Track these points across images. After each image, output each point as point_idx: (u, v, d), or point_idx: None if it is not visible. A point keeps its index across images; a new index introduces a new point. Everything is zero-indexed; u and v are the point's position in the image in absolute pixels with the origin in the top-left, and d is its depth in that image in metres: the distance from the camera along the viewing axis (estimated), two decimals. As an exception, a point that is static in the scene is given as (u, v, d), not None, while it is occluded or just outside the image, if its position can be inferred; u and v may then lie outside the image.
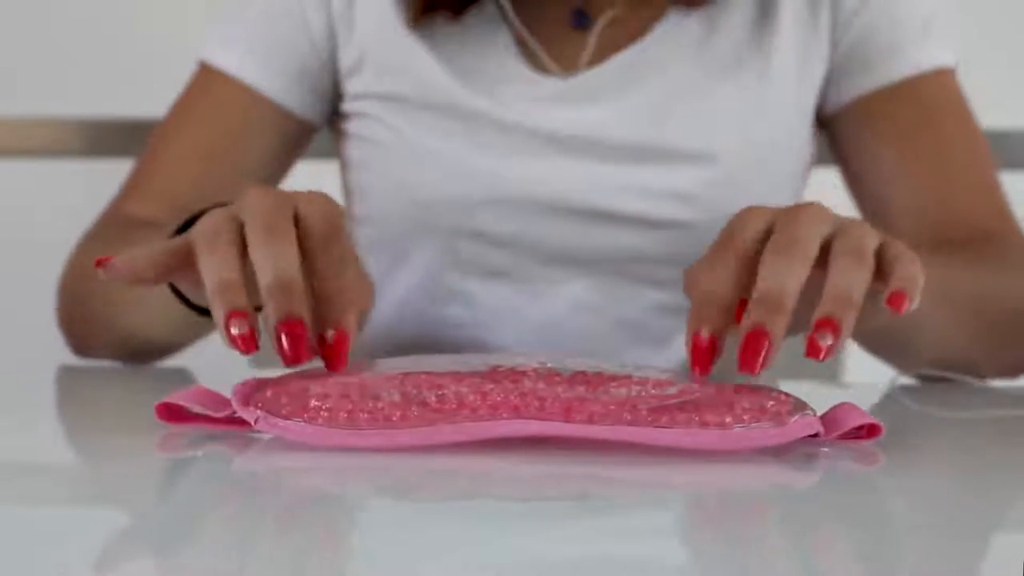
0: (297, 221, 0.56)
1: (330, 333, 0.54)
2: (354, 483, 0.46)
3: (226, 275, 0.53)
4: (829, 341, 0.51)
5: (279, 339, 0.52)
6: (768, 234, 0.56)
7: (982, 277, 0.81)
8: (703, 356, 0.53)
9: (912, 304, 0.54)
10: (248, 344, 0.52)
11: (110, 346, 0.83)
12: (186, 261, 0.56)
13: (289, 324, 0.51)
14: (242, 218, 0.56)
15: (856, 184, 0.92)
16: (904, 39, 0.89)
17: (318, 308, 0.55)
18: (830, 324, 0.52)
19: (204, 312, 0.66)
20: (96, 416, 0.61)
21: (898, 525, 0.41)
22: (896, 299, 0.53)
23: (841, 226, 0.56)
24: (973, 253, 0.84)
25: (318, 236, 0.56)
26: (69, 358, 0.85)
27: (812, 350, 0.52)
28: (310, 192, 0.58)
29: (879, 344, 0.82)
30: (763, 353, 0.51)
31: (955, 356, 0.80)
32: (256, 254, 0.54)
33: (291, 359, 0.52)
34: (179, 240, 0.57)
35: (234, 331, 0.52)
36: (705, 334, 0.53)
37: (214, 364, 0.81)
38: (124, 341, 0.82)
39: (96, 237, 0.87)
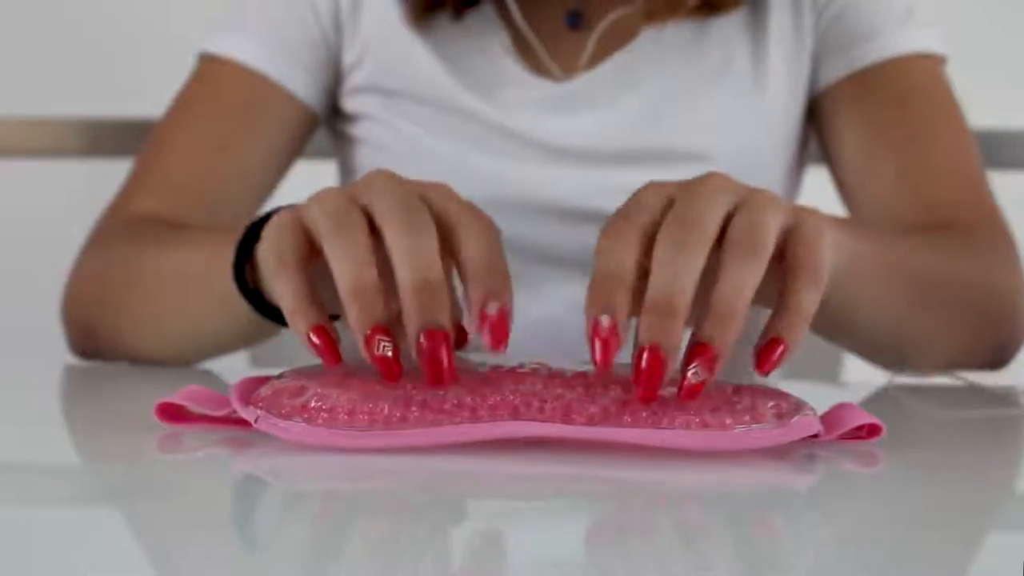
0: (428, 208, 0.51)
1: (492, 306, 0.48)
2: (353, 483, 0.46)
3: (363, 277, 0.48)
4: (701, 377, 0.46)
5: (419, 351, 0.47)
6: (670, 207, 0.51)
7: (930, 257, 0.76)
8: (606, 345, 0.47)
9: (788, 356, 0.48)
10: (392, 369, 0.47)
11: (138, 352, 0.78)
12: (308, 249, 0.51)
13: (431, 335, 0.47)
14: (368, 201, 0.51)
15: (835, 174, 0.90)
16: (882, 23, 0.87)
17: (468, 286, 0.50)
18: (706, 353, 0.46)
19: (273, 317, 0.63)
20: (96, 416, 0.61)
21: (898, 525, 0.41)
22: (764, 360, 0.48)
23: (744, 199, 0.51)
24: (931, 236, 0.80)
25: (455, 214, 0.51)
26: (70, 358, 0.85)
27: (686, 392, 0.47)
28: (434, 183, 0.53)
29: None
30: (662, 370, 0.46)
31: (904, 339, 0.76)
32: (395, 245, 0.49)
33: (431, 376, 0.47)
34: (291, 223, 0.52)
35: (378, 352, 0.47)
36: (606, 322, 0.47)
37: (214, 364, 0.81)
38: (163, 347, 0.77)
39: (115, 237, 0.83)
